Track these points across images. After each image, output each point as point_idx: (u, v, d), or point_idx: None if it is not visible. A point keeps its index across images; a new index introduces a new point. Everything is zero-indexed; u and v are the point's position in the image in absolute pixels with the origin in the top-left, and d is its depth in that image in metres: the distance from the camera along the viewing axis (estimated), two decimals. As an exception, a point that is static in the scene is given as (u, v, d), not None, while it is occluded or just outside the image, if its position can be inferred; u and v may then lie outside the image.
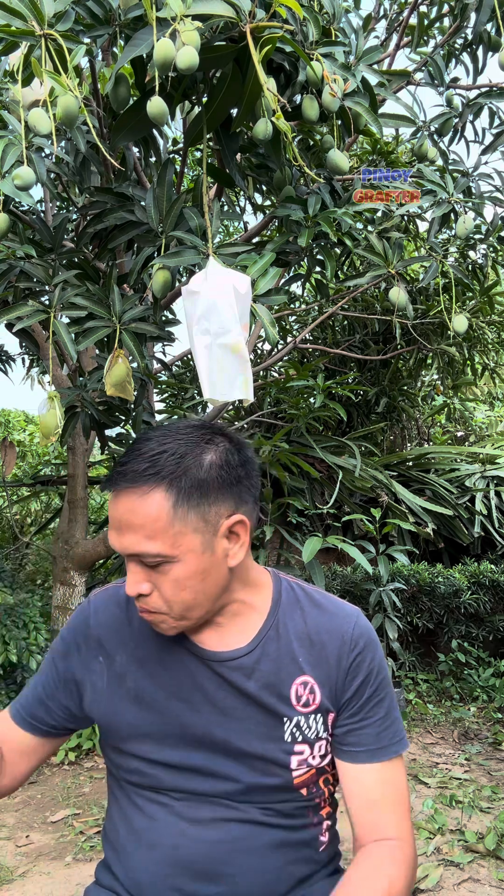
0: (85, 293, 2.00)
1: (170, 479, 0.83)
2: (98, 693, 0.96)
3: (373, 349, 4.88)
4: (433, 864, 2.23)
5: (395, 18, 3.12)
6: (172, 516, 0.82)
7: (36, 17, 1.52)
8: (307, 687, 0.92)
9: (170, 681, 0.93)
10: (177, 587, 0.85)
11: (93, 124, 1.83)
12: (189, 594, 0.86)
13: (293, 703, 0.92)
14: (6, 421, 7.82)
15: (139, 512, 0.82)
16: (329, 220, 2.15)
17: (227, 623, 0.93)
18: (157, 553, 0.83)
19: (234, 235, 5.21)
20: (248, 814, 0.91)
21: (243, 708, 0.91)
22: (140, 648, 0.95)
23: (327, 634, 0.93)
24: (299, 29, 1.81)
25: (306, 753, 0.92)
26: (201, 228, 1.89)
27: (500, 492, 4.55)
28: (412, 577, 3.96)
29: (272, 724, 0.91)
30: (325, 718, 0.93)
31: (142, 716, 0.93)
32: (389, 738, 0.94)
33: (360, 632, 0.95)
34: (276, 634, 0.93)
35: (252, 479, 0.91)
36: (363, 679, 0.93)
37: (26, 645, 3.15)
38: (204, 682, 0.92)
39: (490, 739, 3.38)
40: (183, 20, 1.49)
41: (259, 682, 0.91)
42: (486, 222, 2.94)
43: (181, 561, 0.84)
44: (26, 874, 2.27)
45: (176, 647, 0.94)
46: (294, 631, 0.93)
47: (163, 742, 0.92)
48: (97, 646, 0.98)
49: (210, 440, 0.88)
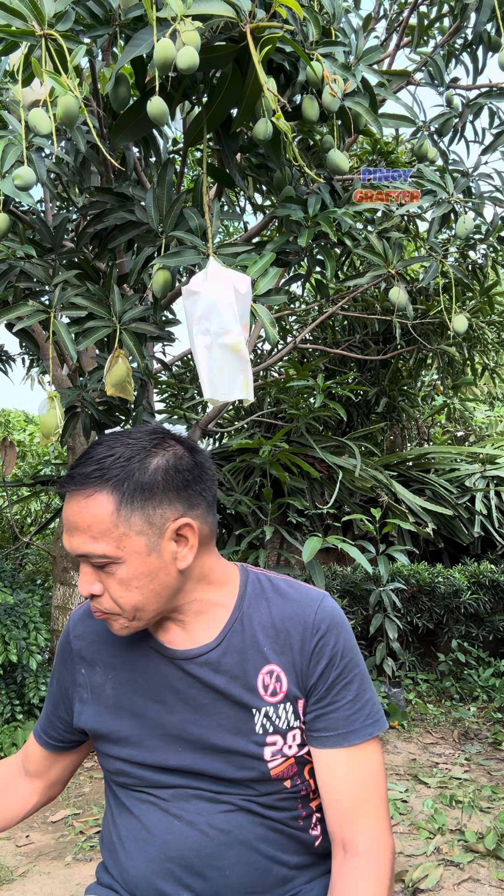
0: (85, 293, 2.00)
1: (114, 481, 0.85)
2: (84, 704, 1.00)
3: (373, 349, 4.88)
4: (433, 864, 2.23)
5: (395, 18, 3.13)
6: (116, 518, 0.85)
7: (36, 18, 1.52)
8: (273, 675, 0.92)
9: (144, 685, 0.95)
10: (123, 588, 0.87)
11: (93, 124, 1.83)
12: (136, 595, 0.87)
13: (261, 692, 0.92)
14: (6, 421, 7.82)
15: (85, 514, 0.85)
16: (329, 220, 2.15)
17: (191, 621, 0.95)
18: (101, 554, 0.85)
19: (234, 235, 5.21)
20: (234, 807, 0.92)
21: (214, 703, 0.92)
22: (115, 657, 0.98)
23: (291, 621, 0.94)
24: (299, 29, 1.81)
25: (280, 744, 0.92)
26: (201, 228, 1.89)
27: (500, 492, 4.55)
28: (412, 577, 3.96)
29: (243, 717, 0.92)
30: (295, 706, 0.93)
31: (122, 721, 0.96)
32: (361, 721, 0.92)
33: (323, 615, 0.94)
34: (240, 627, 0.94)
35: (205, 483, 0.93)
36: (327, 662, 0.92)
37: (26, 645, 3.15)
38: (175, 682, 0.94)
39: (490, 739, 3.38)
40: (183, 20, 1.49)
41: (227, 675, 0.92)
42: (486, 222, 2.94)
43: (126, 562, 0.86)
44: (26, 874, 2.27)
45: (147, 651, 0.96)
46: (259, 622, 0.94)
47: (144, 744, 0.94)
48: (79, 659, 1.01)
49: (159, 445, 0.90)
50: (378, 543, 3.73)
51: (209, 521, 0.94)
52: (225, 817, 0.92)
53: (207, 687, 0.92)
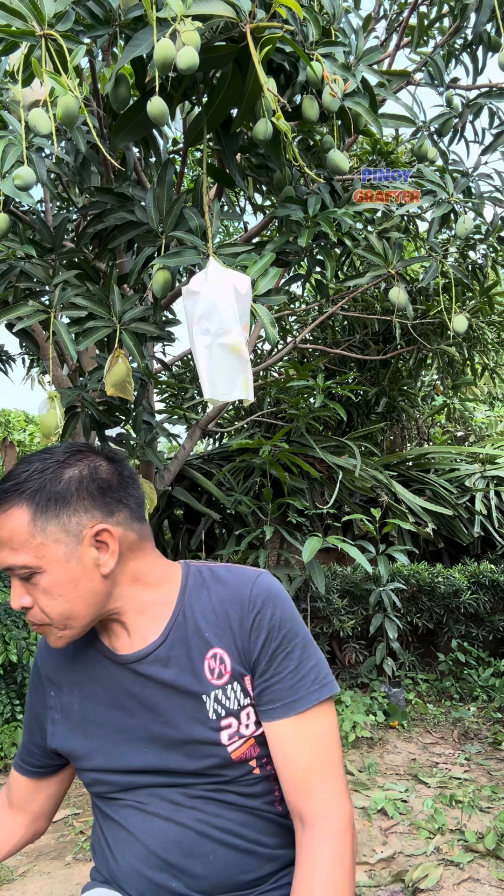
0: (85, 293, 2.00)
1: (28, 493, 0.89)
2: (56, 724, 1.03)
3: (373, 349, 4.88)
4: (433, 864, 2.23)
5: (395, 18, 3.12)
6: (32, 528, 0.88)
7: (36, 18, 1.52)
8: (217, 658, 0.95)
9: (104, 695, 0.98)
10: (48, 597, 0.90)
11: (93, 124, 1.83)
12: (62, 603, 0.90)
13: (208, 677, 0.94)
14: (6, 421, 7.83)
15: (4, 528, 0.89)
16: (329, 221, 2.15)
17: (134, 622, 0.97)
18: (22, 565, 0.88)
19: (234, 235, 5.21)
20: (208, 797, 0.94)
21: (167, 699, 0.95)
22: (77, 673, 1.01)
23: (229, 603, 0.96)
24: (299, 29, 1.81)
25: (235, 725, 0.94)
26: (201, 228, 1.89)
27: (500, 492, 4.55)
28: (412, 577, 3.96)
29: (195, 706, 0.94)
30: (243, 684, 0.95)
31: (91, 734, 0.99)
32: (306, 688, 0.93)
33: (258, 591, 0.96)
34: (183, 619, 0.96)
35: (126, 491, 0.96)
36: (266, 635, 0.94)
37: (26, 645, 3.15)
38: (130, 685, 0.97)
39: (490, 739, 3.38)
40: (183, 20, 1.49)
41: (175, 668, 0.95)
42: (485, 222, 2.94)
43: (47, 571, 0.89)
44: (26, 874, 2.27)
45: (101, 661, 0.99)
46: (200, 610, 0.97)
47: (111, 751, 0.97)
48: (48, 682, 1.04)
49: (74, 457, 0.94)
50: (378, 543, 3.73)
51: (135, 527, 0.96)
52: (200, 808, 0.94)
53: (159, 684, 0.95)
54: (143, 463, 2.82)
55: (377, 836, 2.46)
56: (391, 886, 2.14)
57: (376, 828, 2.52)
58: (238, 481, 4.17)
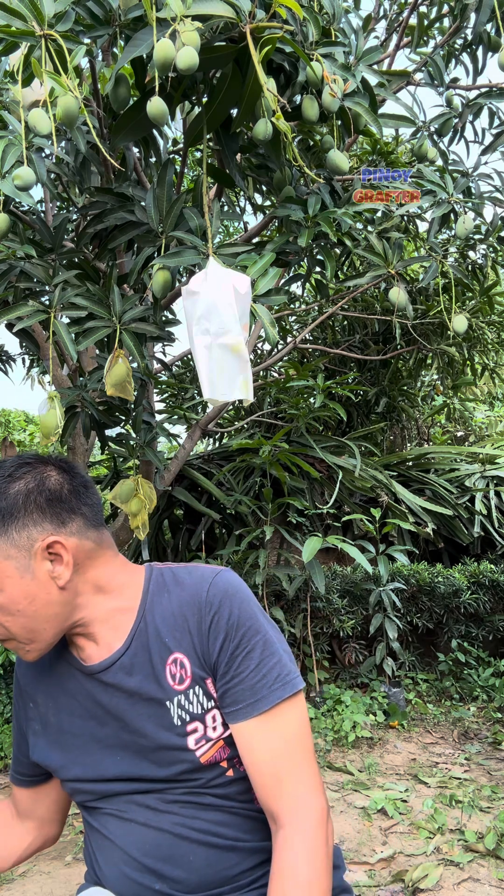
0: (85, 293, 2.00)
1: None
2: (37, 736, 1.03)
3: (373, 349, 4.88)
4: (433, 864, 2.23)
5: (395, 19, 3.12)
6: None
7: (36, 18, 1.52)
8: (177, 663, 0.94)
9: (77, 706, 0.98)
10: (7, 614, 0.89)
11: (93, 124, 1.83)
12: (21, 619, 0.89)
13: (170, 683, 0.93)
14: (6, 421, 7.83)
15: None
16: (329, 221, 2.15)
17: (100, 631, 0.96)
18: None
19: (234, 235, 5.21)
20: (183, 800, 0.94)
21: (133, 707, 0.94)
22: (51, 685, 1.02)
23: (187, 605, 0.94)
24: (299, 29, 1.81)
25: (201, 729, 0.93)
26: (201, 229, 1.89)
27: (500, 492, 4.55)
28: (412, 577, 3.96)
29: (160, 712, 0.93)
30: (205, 687, 0.93)
31: (67, 745, 0.99)
32: (268, 687, 0.91)
33: (215, 591, 0.94)
34: (144, 625, 0.95)
35: (78, 499, 0.94)
36: (224, 636, 0.92)
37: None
38: (99, 695, 0.96)
39: (490, 739, 3.38)
40: (183, 20, 1.49)
41: (139, 675, 0.94)
42: (485, 222, 2.94)
43: (2, 589, 0.88)
44: (26, 874, 2.27)
45: (73, 673, 0.99)
46: (160, 614, 0.95)
47: (86, 761, 0.97)
48: (27, 694, 1.05)
49: (22, 469, 0.93)
50: (378, 543, 3.73)
51: (91, 535, 0.95)
52: (177, 811, 0.94)
53: (124, 692, 0.94)
54: (143, 463, 2.82)
55: (377, 836, 2.46)
56: (391, 886, 2.14)
57: (376, 828, 2.52)
58: (238, 481, 4.17)
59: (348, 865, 2.25)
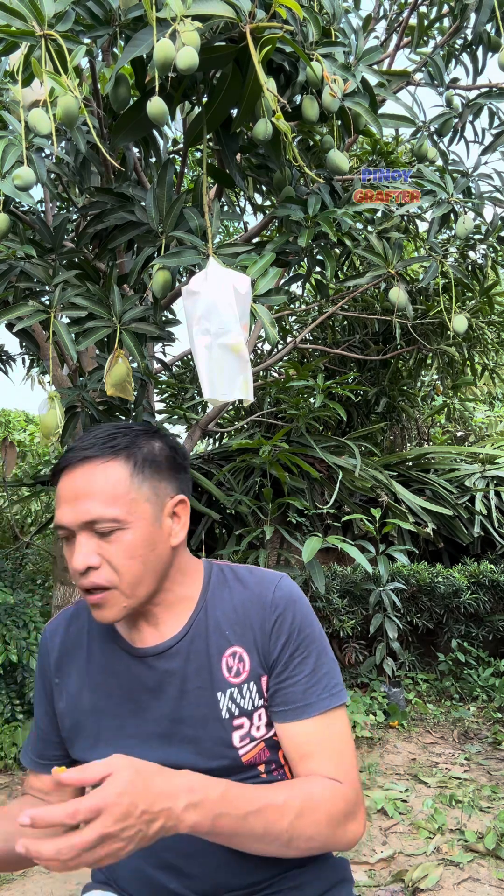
0: (85, 293, 2.00)
1: (126, 453, 0.92)
2: (61, 713, 1.02)
3: (373, 349, 4.88)
4: (433, 864, 2.23)
5: (395, 19, 3.12)
6: (129, 483, 0.90)
7: (36, 18, 1.52)
8: (236, 656, 0.95)
9: (118, 687, 0.98)
10: (128, 555, 0.89)
11: (93, 124, 1.83)
12: (138, 564, 0.90)
13: (225, 674, 0.95)
14: (6, 421, 7.83)
15: (98, 478, 0.89)
16: (329, 221, 2.15)
17: (162, 614, 0.98)
18: (113, 518, 0.88)
19: (234, 235, 5.21)
20: None
21: (183, 695, 0.95)
22: (89, 663, 1.01)
23: (250, 603, 0.97)
24: (299, 29, 1.81)
25: (247, 726, 0.94)
26: (201, 229, 1.89)
27: (499, 492, 4.55)
28: (412, 577, 3.96)
29: (210, 703, 0.94)
30: (259, 684, 0.95)
31: (99, 726, 0.98)
32: (317, 695, 0.94)
33: (281, 594, 0.97)
34: (204, 616, 0.98)
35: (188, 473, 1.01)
36: (286, 638, 0.95)
37: (26, 645, 3.15)
38: (146, 679, 0.96)
39: (490, 739, 3.38)
40: (183, 20, 1.49)
41: (193, 664, 0.95)
42: (485, 222, 2.94)
43: (133, 528, 0.90)
44: (26, 874, 2.27)
45: (118, 654, 0.99)
46: (221, 608, 0.98)
47: (119, 744, 0.96)
48: (56, 670, 1.03)
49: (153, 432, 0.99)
50: (378, 543, 3.73)
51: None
52: None
53: (176, 679, 0.95)
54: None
55: (377, 836, 2.46)
56: (391, 886, 2.14)
57: (376, 828, 2.52)
58: (238, 481, 4.17)
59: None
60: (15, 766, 3.10)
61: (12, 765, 3.09)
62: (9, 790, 2.91)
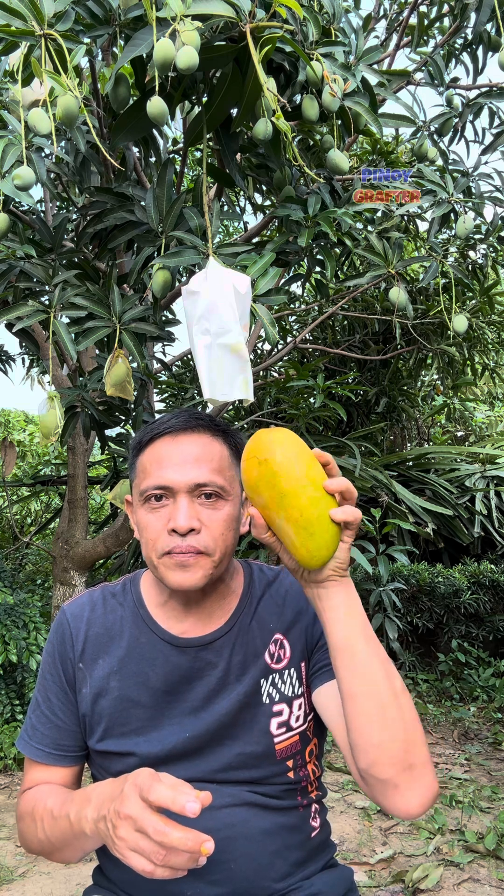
0: (85, 293, 2.00)
1: (225, 436, 1.00)
2: (83, 699, 0.98)
3: (373, 349, 4.88)
4: (433, 864, 2.23)
5: (395, 18, 3.12)
6: (230, 462, 0.99)
7: (36, 18, 1.52)
8: (278, 644, 1.00)
9: (154, 676, 0.97)
10: (226, 526, 0.94)
11: (93, 124, 1.83)
12: (231, 537, 0.96)
13: (268, 661, 0.98)
14: (6, 421, 7.83)
15: (211, 449, 0.96)
16: (329, 220, 2.14)
17: (211, 606, 1.00)
18: (221, 485, 0.94)
19: (234, 235, 5.21)
20: (238, 798, 0.93)
21: (224, 687, 0.96)
22: (120, 648, 0.99)
23: (291, 597, 1.04)
24: (299, 29, 1.81)
25: (286, 713, 0.96)
26: (201, 228, 1.89)
27: (500, 492, 4.55)
28: (412, 577, 3.96)
29: (252, 690, 0.96)
30: (299, 670, 0.99)
31: (127, 715, 0.96)
32: None
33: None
34: (250, 609, 1.02)
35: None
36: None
37: (26, 645, 3.15)
38: (187, 670, 0.97)
39: (490, 739, 3.38)
40: (183, 20, 1.49)
41: (240, 653, 0.97)
42: (486, 222, 2.94)
43: (231, 501, 0.96)
44: (26, 874, 2.27)
45: (156, 643, 0.98)
46: (263, 602, 1.03)
47: (154, 735, 0.95)
48: (81, 656, 1.00)
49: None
50: (378, 543, 3.72)
51: None
52: (229, 811, 0.92)
53: (218, 670, 0.96)
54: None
55: (377, 836, 2.46)
56: (391, 886, 2.13)
57: (376, 828, 2.52)
58: (238, 481, 4.16)
59: (348, 866, 2.25)
60: (15, 766, 3.10)
61: (12, 765, 3.09)
62: (9, 790, 2.91)
